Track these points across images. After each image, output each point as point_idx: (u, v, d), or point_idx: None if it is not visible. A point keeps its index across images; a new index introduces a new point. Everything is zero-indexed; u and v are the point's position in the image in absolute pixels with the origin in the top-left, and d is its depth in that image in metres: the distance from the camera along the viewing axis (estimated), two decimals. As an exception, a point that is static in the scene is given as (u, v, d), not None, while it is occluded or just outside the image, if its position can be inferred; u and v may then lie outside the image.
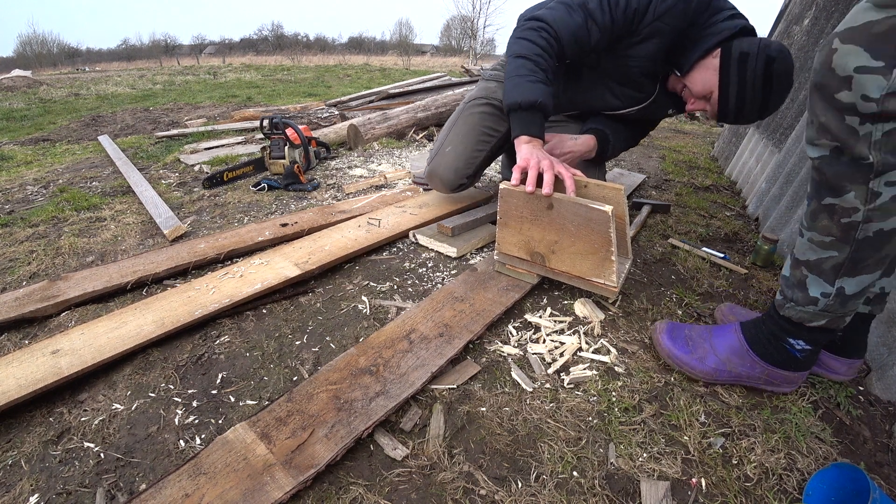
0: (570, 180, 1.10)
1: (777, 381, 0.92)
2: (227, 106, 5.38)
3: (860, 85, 0.64)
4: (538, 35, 1.19)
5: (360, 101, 4.76)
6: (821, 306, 0.83)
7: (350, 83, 8.21)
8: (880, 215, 0.72)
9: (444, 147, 1.66)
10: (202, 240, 1.55)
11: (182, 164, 2.69)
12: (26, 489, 0.76)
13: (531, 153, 1.13)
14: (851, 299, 0.81)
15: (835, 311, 0.83)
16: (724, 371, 0.95)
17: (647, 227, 1.75)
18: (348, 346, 1.08)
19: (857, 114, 0.66)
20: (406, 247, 1.57)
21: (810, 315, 0.85)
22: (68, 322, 1.18)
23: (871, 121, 0.66)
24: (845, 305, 0.81)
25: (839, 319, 0.84)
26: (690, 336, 1.01)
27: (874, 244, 0.75)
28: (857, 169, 0.71)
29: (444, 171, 1.64)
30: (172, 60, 31.48)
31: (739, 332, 0.96)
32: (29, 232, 1.77)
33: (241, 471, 0.74)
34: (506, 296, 1.20)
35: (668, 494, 0.74)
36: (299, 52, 31.63)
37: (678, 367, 0.99)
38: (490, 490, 0.75)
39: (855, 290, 0.80)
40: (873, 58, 0.62)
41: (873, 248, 0.75)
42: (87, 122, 4.58)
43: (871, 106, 0.64)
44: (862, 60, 0.63)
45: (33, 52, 42.87)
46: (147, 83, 8.96)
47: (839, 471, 0.72)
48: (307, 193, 2.13)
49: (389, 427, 0.86)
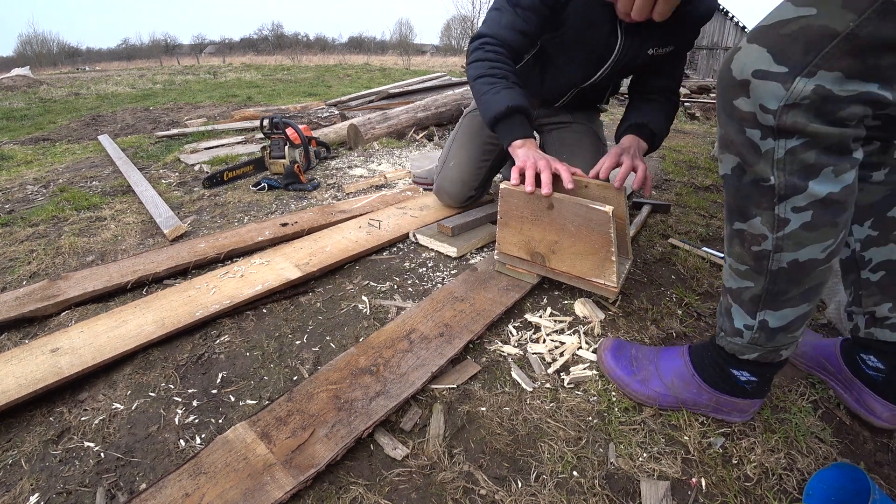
0: (566, 173, 1.09)
1: (727, 408, 0.85)
2: (227, 106, 5.38)
3: (757, 92, 0.56)
4: (483, 51, 1.23)
5: (360, 100, 4.76)
6: (747, 339, 0.76)
7: (350, 83, 8.21)
8: (792, 245, 0.64)
9: (447, 162, 1.67)
10: (202, 239, 1.55)
11: (182, 164, 2.69)
12: (26, 489, 0.76)
13: (527, 154, 1.13)
14: (780, 333, 0.73)
15: (763, 346, 0.75)
16: (667, 396, 0.87)
17: (647, 227, 1.75)
18: (348, 345, 1.08)
19: (758, 126, 0.58)
20: (406, 247, 1.57)
21: (739, 347, 0.78)
22: (68, 321, 1.18)
23: (773, 135, 0.57)
24: (773, 339, 0.74)
25: (773, 353, 0.76)
26: (636, 356, 0.94)
27: (791, 277, 0.67)
28: (759, 191, 0.63)
29: (450, 186, 1.66)
30: (172, 60, 31.48)
31: (687, 355, 0.88)
32: (29, 231, 1.77)
33: (242, 470, 0.74)
34: (506, 296, 1.20)
35: (668, 494, 0.74)
36: (299, 51, 31.62)
37: (620, 387, 0.93)
38: (490, 490, 0.75)
39: (781, 324, 0.72)
40: (776, 61, 0.54)
41: (791, 281, 0.67)
42: (87, 121, 4.58)
43: (769, 118, 0.56)
44: (763, 63, 0.55)
45: (33, 52, 42.86)
46: (147, 83, 8.96)
47: (839, 471, 0.72)
48: (307, 193, 2.13)
49: (389, 427, 0.86)
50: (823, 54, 0.51)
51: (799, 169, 0.59)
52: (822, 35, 0.50)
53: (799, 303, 0.70)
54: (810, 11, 0.51)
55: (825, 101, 0.53)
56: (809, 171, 0.59)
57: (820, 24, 0.51)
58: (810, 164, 0.58)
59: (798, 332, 0.74)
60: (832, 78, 0.52)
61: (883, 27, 0.48)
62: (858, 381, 0.89)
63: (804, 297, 0.69)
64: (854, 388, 0.89)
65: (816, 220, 0.62)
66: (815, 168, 0.58)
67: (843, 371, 0.92)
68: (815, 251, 0.64)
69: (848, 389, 0.91)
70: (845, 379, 0.91)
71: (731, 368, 0.82)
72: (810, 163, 0.58)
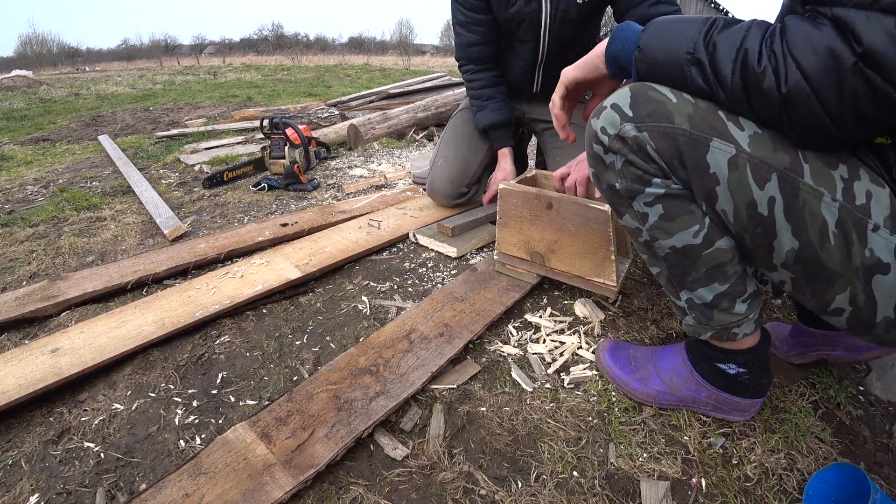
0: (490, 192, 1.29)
1: (726, 407, 0.85)
2: (227, 106, 5.38)
3: (606, 117, 0.69)
4: (466, 75, 1.58)
5: (360, 101, 4.76)
6: (692, 318, 0.79)
7: (350, 83, 8.21)
8: (662, 234, 0.72)
9: (436, 161, 1.68)
10: (202, 239, 1.55)
11: (182, 164, 2.69)
12: (26, 489, 0.76)
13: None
14: (713, 310, 0.75)
15: (708, 324, 0.77)
16: (666, 394, 0.88)
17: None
18: (348, 345, 1.08)
19: (600, 143, 0.71)
20: (406, 247, 1.57)
21: (693, 328, 0.80)
22: (68, 322, 1.18)
23: (612, 152, 0.70)
24: (712, 317, 0.76)
25: (725, 332, 0.77)
26: (634, 356, 0.95)
27: (681, 261, 0.73)
28: (615, 194, 0.75)
29: (440, 183, 1.66)
30: (172, 60, 31.47)
31: (684, 352, 0.89)
32: (29, 232, 1.77)
33: (242, 471, 0.74)
34: (506, 296, 1.20)
35: (668, 494, 0.74)
36: (299, 52, 31.60)
37: (619, 387, 0.93)
38: (490, 490, 0.75)
39: (704, 301, 0.75)
40: (630, 106, 0.67)
41: (684, 264, 0.73)
42: (87, 121, 4.58)
43: (605, 138, 0.70)
44: (623, 103, 0.68)
45: (33, 52, 42.89)
46: (147, 83, 8.97)
47: (839, 471, 0.72)
48: (307, 193, 2.13)
49: (389, 427, 0.86)
50: (654, 126, 0.65)
51: (635, 178, 0.70)
52: (665, 116, 0.65)
53: (708, 282, 0.73)
54: (672, 98, 0.65)
55: (639, 148, 0.68)
56: (642, 179, 0.70)
57: (668, 110, 0.65)
58: (640, 175, 0.70)
59: (736, 309, 0.75)
60: (647, 140, 0.66)
61: (688, 151, 0.64)
62: (831, 332, 0.92)
63: (710, 278, 0.73)
64: (836, 341, 0.92)
65: (669, 210, 0.70)
66: (644, 178, 0.69)
67: (816, 334, 0.95)
68: (686, 237, 0.71)
69: (834, 346, 0.93)
70: (826, 339, 0.93)
71: (717, 363, 0.82)
72: (639, 174, 0.70)
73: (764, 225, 0.64)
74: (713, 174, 0.64)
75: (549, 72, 1.52)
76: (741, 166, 0.62)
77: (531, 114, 1.67)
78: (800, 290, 0.68)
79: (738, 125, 0.62)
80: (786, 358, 1.01)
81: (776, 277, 0.69)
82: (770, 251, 0.66)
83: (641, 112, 0.66)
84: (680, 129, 0.64)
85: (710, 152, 0.63)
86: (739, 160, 0.62)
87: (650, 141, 0.66)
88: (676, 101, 0.65)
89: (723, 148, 0.62)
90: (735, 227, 0.67)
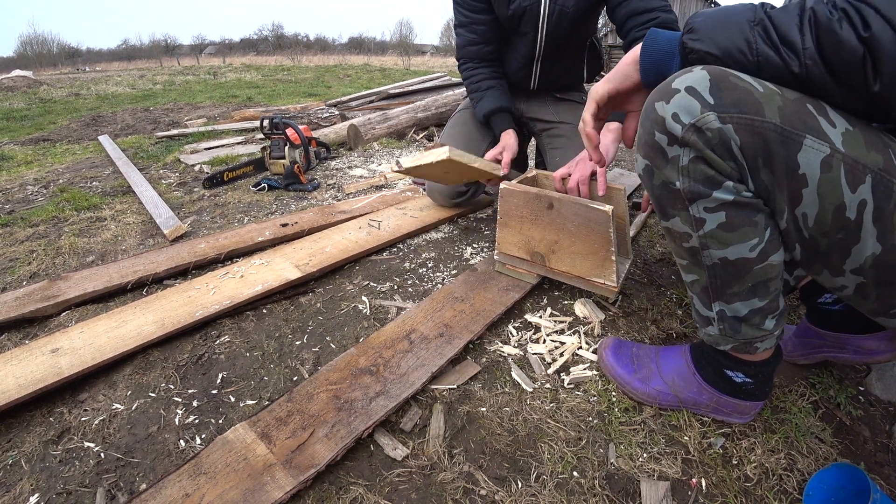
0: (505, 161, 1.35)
1: (727, 409, 0.84)
2: (227, 106, 5.38)
3: (678, 102, 0.60)
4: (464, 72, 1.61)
5: (360, 101, 4.76)
6: (716, 329, 0.76)
7: (350, 83, 8.21)
8: (716, 243, 0.66)
9: None
10: (202, 240, 1.55)
11: (182, 164, 2.69)
12: (26, 489, 0.76)
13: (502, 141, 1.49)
14: (742, 324, 0.72)
15: (733, 337, 0.74)
16: (668, 395, 0.87)
17: (647, 227, 1.75)
18: (348, 346, 1.08)
19: (666, 132, 0.62)
20: (406, 247, 1.57)
21: (714, 338, 0.77)
22: (68, 322, 1.18)
23: (679, 144, 0.62)
24: (739, 331, 0.73)
25: (747, 346, 0.75)
26: (637, 355, 0.94)
27: (729, 273, 0.68)
28: (671, 193, 0.66)
29: (441, 184, 1.66)
30: (172, 60, 31.48)
31: (688, 354, 0.88)
32: (29, 232, 1.77)
33: (242, 471, 0.74)
34: (506, 296, 1.20)
35: (668, 494, 0.74)
36: (299, 52, 31.62)
37: (620, 386, 0.93)
38: (490, 490, 0.75)
39: (737, 315, 0.72)
40: (710, 91, 0.58)
41: (730, 276, 0.68)
42: (87, 122, 4.58)
43: (678, 128, 0.60)
44: (700, 86, 0.59)
45: (33, 52, 42.91)
46: (147, 83, 8.97)
47: (839, 471, 0.72)
48: (307, 193, 2.13)
49: (389, 427, 0.86)
50: (741, 118, 0.57)
51: (702, 178, 0.62)
52: (753, 107, 0.57)
53: (748, 297, 0.70)
54: (757, 86, 0.58)
55: (721, 144, 0.59)
56: (711, 182, 0.62)
57: (756, 100, 0.57)
58: (710, 176, 0.62)
59: (765, 325, 0.72)
60: (732, 132, 0.58)
61: (777, 150, 0.57)
62: (843, 334, 0.90)
63: (752, 293, 0.69)
64: (847, 343, 0.91)
65: (732, 219, 0.63)
66: (715, 180, 0.62)
67: (825, 336, 0.93)
68: (742, 250, 0.65)
69: (843, 348, 0.91)
70: (837, 341, 0.92)
71: (725, 370, 0.82)
72: (710, 175, 0.62)
73: (848, 229, 0.59)
74: (802, 175, 0.58)
75: (545, 69, 1.55)
76: (835, 167, 0.57)
77: (529, 112, 1.68)
78: (863, 294, 0.64)
79: (829, 121, 0.57)
80: (790, 359, 1.01)
81: (837, 283, 0.65)
82: (845, 256, 0.61)
83: (725, 100, 0.58)
84: (770, 123, 0.57)
85: (802, 151, 0.57)
86: (833, 161, 0.57)
87: (735, 136, 0.58)
88: (763, 91, 0.57)
89: (816, 147, 0.57)
90: (812, 230, 0.61)
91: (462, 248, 1.55)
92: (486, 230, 1.70)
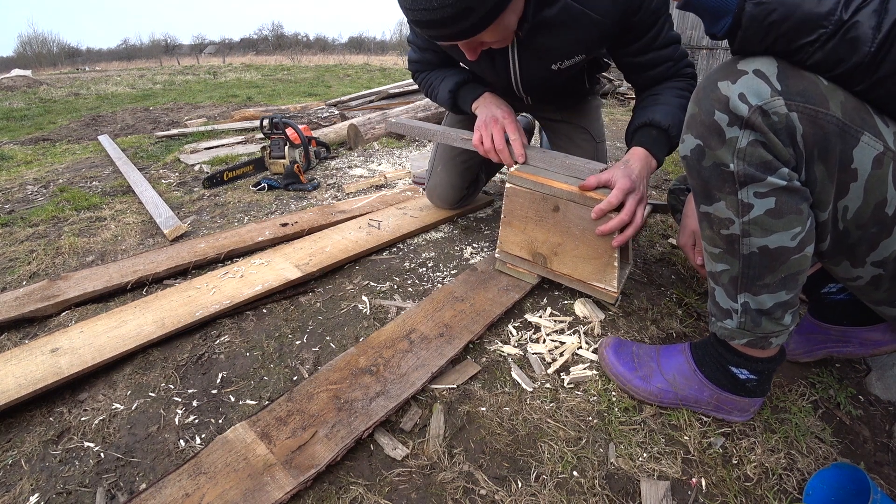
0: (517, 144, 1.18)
1: (727, 407, 0.85)
2: (227, 106, 5.38)
3: (746, 83, 0.60)
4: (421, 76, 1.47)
5: (360, 100, 4.76)
6: (735, 322, 0.75)
7: (350, 83, 8.21)
8: (759, 231, 0.65)
9: (435, 167, 1.67)
10: (202, 239, 1.55)
11: (182, 164, 2.69)
12: (26, 489, 0.76)
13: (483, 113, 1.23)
14: (764, 317, 0.72)
15: (752, 330, 0.74)
16: (669, 392, 0.88)
17: (647, 227, 1.75)
18: (348, 345, 1.08)
19: (728, 112, 0.61)
20: (406, 246, 1.57)
21: (730, 332, 0.77)
22: (68, 322, 1.18)
23: (740, 125, 0.61)
24: (759, 325, 0.73)
25: (763, 340, 0.74)
26: (638, 354, 0.94)
27: (764, 263, 0.67)
28: (721, 175, 0.65)
29: (441, 189, 1.66)
30: (172, 60, 31.46)
31: (688, 352, 0.89)
32: (29, 231, 1.77)
33: (242, 471, 0.74)
34: (506, 296, 1.20)
35: (668, 494, 0.74)
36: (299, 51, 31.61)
37: (621, 384, 0.93)
38: (490, 490, 0.75)
39: (761, 308, 0.71)
40: (778, 77, 0.59)
41: (765, 266, 0.68)
42: (87, 121, 4.58)
43: (744, 108, 0.60)
44: (768, 70, 0.59)
45: (33, 52, 42.90)
46: (147, 83, 8.96)
47: (839, 471, 0.72)
48: (307, 193, 2.13)
49: (389, 427, 0.86)
50: (806, 108, 0.58)
51: (758, 162, 0.62)
52: (819, 98, 0.58)
53: (777, 289, 0.70)
54: (822, 79, 0.59)
55: (785, 130, 0.59)
56: (768, 166, 0.62)
57: (821, 92, 0.58)
58: (768, 161, 0.61)
59: (784, 320, 0.73)
60: (797, 121, 0.59)
61: (835, 143, 0.59)
62: (847, 328, 0.91)
63: (782, 285, 0.69)
64: (850, 336, 0.91)
65: (781, 206, 0.63)
66: (771, 165, 0.62)
67: (830, 330, 0.94)
68: (784, 238, 0.65)
69: (847, 342, 0.92)
70: (840, 335, 0.92)
71: (731, 366, 0.82)
72: (768, 160, 0.61)
73: (883, 223, 0.61)
74: (854, 170, 0.60)
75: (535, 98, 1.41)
76: (885, 165, 0.59)
77: (529, 109, 1.66)
78: (876, 285, 0.66)
79: (884, 121, 0.59)
80: (792, 357, 1.01)
81: (853, 273, 0.67)
82: (872, 249, 0.63)
83: (792, 88, 0.58)
84: (833, 116, 0.58)
85: (858, 146, 0.59)
86: (885, 158, 0.59)
87: (799, 124, 0.59)
88: (827, 84, 0.59)
89: (871, 144, 0.59)
90: (848, 223, 0.63)
91: (462, 248, 1.55)
92: (486, 230, 1.69)
